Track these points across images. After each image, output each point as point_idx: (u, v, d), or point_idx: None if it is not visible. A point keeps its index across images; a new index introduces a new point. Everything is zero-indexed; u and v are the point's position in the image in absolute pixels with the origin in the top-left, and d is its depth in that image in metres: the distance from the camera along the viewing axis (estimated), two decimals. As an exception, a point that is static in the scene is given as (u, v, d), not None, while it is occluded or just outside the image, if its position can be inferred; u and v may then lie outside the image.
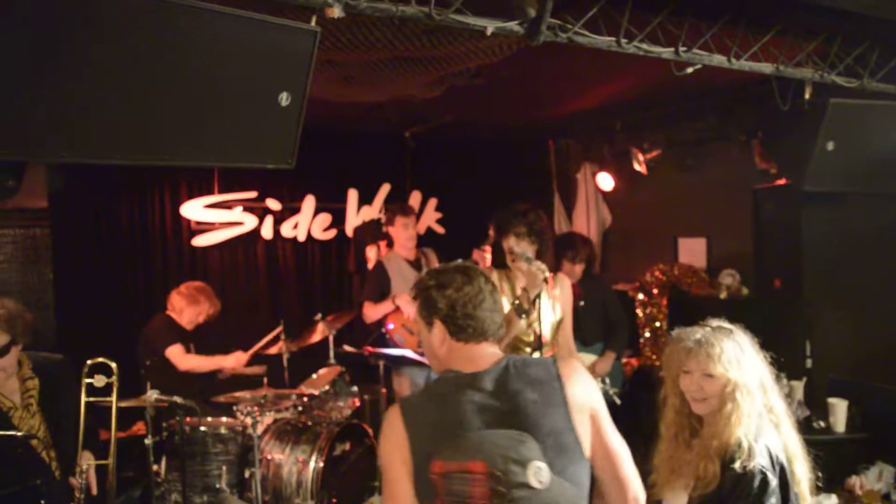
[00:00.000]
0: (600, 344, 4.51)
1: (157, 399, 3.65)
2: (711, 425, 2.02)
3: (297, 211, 5.92)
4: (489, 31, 2.40)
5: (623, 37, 2.65)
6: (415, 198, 6.32)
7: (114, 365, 3.13)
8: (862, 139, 3.42)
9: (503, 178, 6.46)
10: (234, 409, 4.06)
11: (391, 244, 4.95)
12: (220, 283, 5.58)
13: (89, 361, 3.09)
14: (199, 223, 5.59)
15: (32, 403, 2.68)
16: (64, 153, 1.86)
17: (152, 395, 3.66)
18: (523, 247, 3.24)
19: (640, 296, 5.77)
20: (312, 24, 2.17)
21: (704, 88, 4.64)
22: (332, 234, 6.08)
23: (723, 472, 1.93)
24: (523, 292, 3.15)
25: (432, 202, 6.42)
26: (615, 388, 4.50)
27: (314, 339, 4.70)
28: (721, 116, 4.99)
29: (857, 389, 3.92)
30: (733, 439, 1.94)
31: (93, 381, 3.02)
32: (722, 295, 5.20)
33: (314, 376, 4.59)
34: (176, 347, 4.28)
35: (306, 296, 6.08)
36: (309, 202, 5.93)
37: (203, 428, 3.87)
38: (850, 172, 3.51)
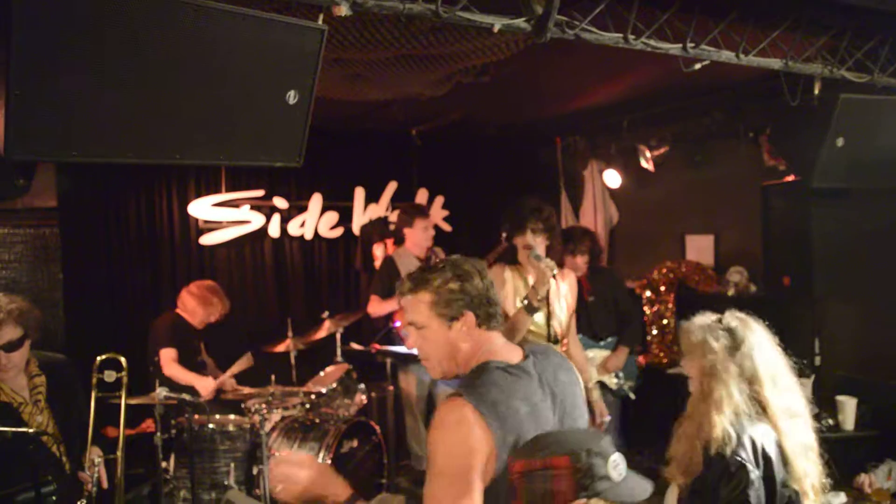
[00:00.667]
0: (613, 339, 4.50)
1: (166, 396, 3.68)
2: (693, 412, 2.08)
3: (304, 209, 5.94)
4: (496, 28, 2.39)
5: (630, 33, 2.64)
6: (421, 195, 6.33)
7: (123, 360, 3.18)
8: (872, 135, 3.39)
9: (510, 176, 6.46)
10: (243, 406, 4.08)
11: (398, 242, 4.95)
12: (227, 282, 5.60)
13: (99, 357, 3.15)
14: (206, 222, 5.61)
15: (41, 400, 2.71)
16: (75, 152, 1.87)
17: (161, 392, 3.68)
18: (538, 242, 3.25)
19: (648, 293, 5.76)
20: (319, 23, 2.17)
21: (712, 85, 4.63)
22: (339, 232, 6.09)
23: (704, 458, 1.97)
24: (532, 290, 3.15)
25: (439, 200, 6.43)
26: (630, 383, 4.48)
27: (321, 336, 4.72)
28: (729, 113, 4.96)
29: (867, 387, 3.91)
30: (713, 427, 1.98)
31: (103, 376, 3.07)
32: (730, 292, 5.19)
33: (322, 374, 4.60)
34: (169, 351, 4.27)
35: (313, 294, 6.10)
36: (316, 200, 5.94)
37: (211, 425, 3.89)
38: (860, 168, 3.48)
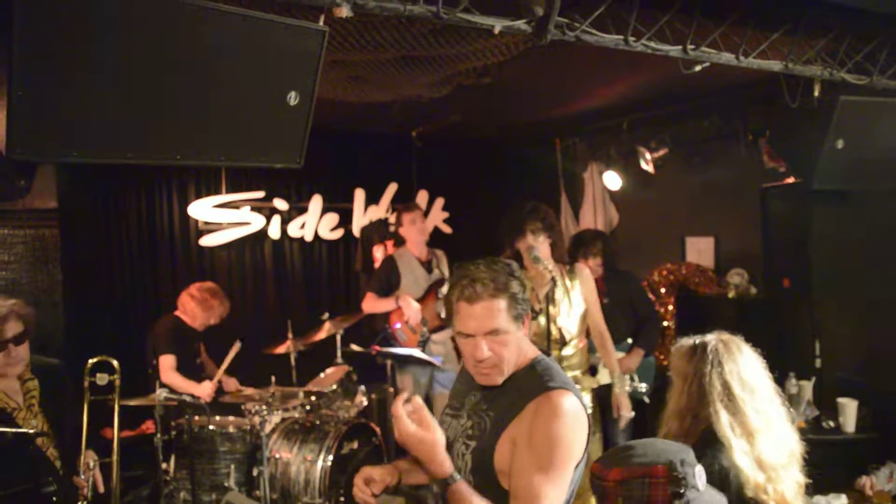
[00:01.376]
0: (628, 342, 4.49)
1: (167, 398, 3.68)
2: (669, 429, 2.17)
3: (304, 211, 5.94)
4: (497, 30, 2.40)
5: (631, 35, 2.64)
6: (422, 197, 6.33)
7: (116, 363, 3.11)
8: (871, 137, 3.39)
9: (510, 178, 6.47)
10: (243, 408, 4.07)
11: (398, 244, 4.96)
12: (227, 283, 5.61)
13: (91, 360, 3.08)
14: (206, 223, 5.62)
15: (34, 404, 2.68)
16: (76, 153, 1.87)
17: (161, 393, 3.68)
18: (540, 242, 3.26)
19: (648, 295, 5.76)
20: (320, 24, 2.18)
21: (712, 87, 4.63)
22: (340, 233, 6.10)
23: None
24: (532, 292, 3.15)
25: (439, 202, 6.43)
26: (645, 386, 4.46)
27: (321, 338, 4.72)
28: (729, 115, 4.96)
29: (867, 389, 3.91)
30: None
31: (95, 379, 3.01)
32: (730, 294, 5.18)
33: (322, 375, 4.60)
34: (167, 358, 4.25)
35: (313, 295, 6.10)
36: (316, 202, 5.95)
37: (211, 427, 3.88)
38: (860, 170, 3.49)
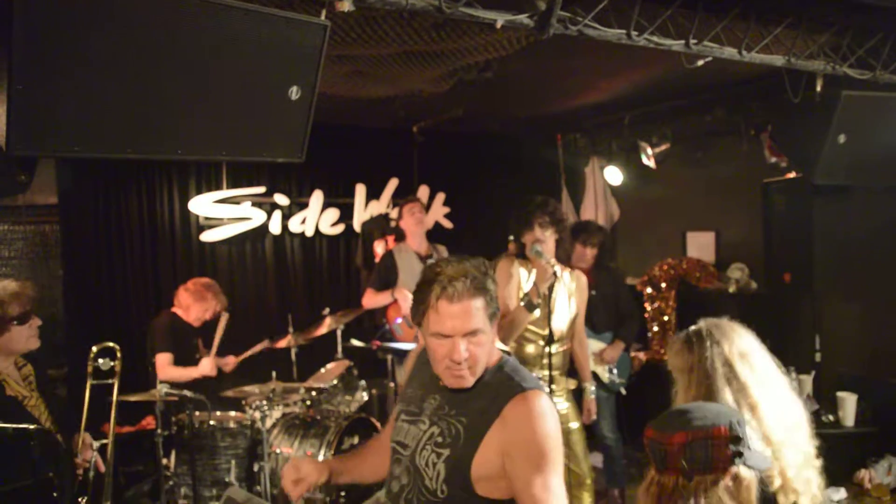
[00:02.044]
0: (610, 333, 4.54)
1: (167, 393, 3.68)
2: None
3: (305, 206, 5.94)
4: (499, 24, 2.39)
5: (633, 29, 2.64)
6: (423, 192, 6.32)
7: (117, 347, 3.24)
8: (874, 132, 3.38)
9: (511, 173, 6.46)
10: (243, 403, 4.08)
11: (399, 239, 4.95)
12: (228, 278, 5.61)
13: (95, 347, 3.21)
14: (207, 218, 5.61)
15: (33, 387, 2.75)
16: (77, 148, 1.86)
17: (162, 388, 3.69)
18: (547, 236, 3.25)
19: (649, 290, 5.76)
20: (322, 18, 2.17)
21: (714, 82, 4.63)
22: (340, 228, 6.09)
23: None
24: (533, 287, 3.15)
25: (440, 197, 6.43)
26: (622, 379, 4.52)
27: (322, 333, 4.72)
28: (731, 110, 4.96)
29: (867, 383, 3.91)
30: None
31: (99, 364, 3.14)
32: (731, 289, 5.18)
33: (322, 370, 4.60)
34: (164, 356, 4.24)
35: (314, 290, 6.10)
36: (317, 197, 5.94)
37: (212, 422, 3.89)
38: (862, 165, 3.48)
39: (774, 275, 4.88)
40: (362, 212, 6.10)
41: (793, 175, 4.70)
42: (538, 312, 3.18)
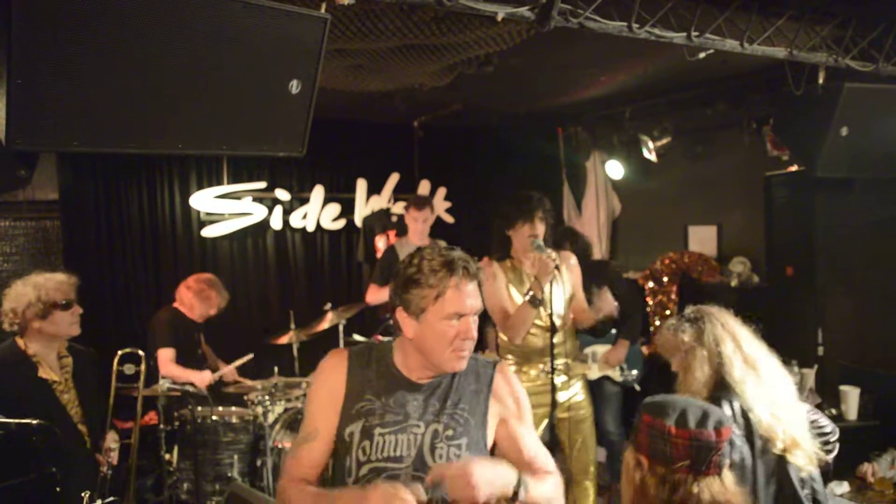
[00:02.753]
0: (612, 332, 4.49)
1: (170, 388, 3.68)
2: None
3: (306, 201, 5.93)
4: (500, 17, 2.38)
5: (634, 22, 2.62)
6: (423, 187, 6.32)
7: (142, 354, 3.40)
8: (877, 124, 3.37)
9: (512, 167, 6.45)
10: (245, 398, 4.08)
11: (400, 233, 4.95)
12: (229, 274, 5.61)
13: (120, 351, 3.38)
14: (208, 214, 5.60)
15: (69, 378, 2.87)
16: (77, 142, 1.86)
17: (164, 384, 3.69)
18: (541, 230, 3.24)
19: (651, 284, 5.75)
20: (322, 12, 2.16)
21: (715, 75, 4.61)
22: (342, 223, 6.08)
23: None
24: (535, 282, 3.14)
25: (441, 191, 6.42)
26: (635, 373, 4.45)
27: (323, 328, 4.71)
28: (732, 103, 4.94)
29: (869, 377, 3.91)
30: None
31: (123, 369, 3.30)
32: (733, 283, 5.18)
33: (324, 366, 4.59)
34: (166, 352, 4.20)
35: (315, 285, 6.10)
36: (318, 192, 5.93)
37: (214, 417, 3.89)
38: (864, 158, 3.46)
39: (776, 268, 4.87)
40: (363, 207, 6.09)
41: (795, 168, 4.69)
42: (543, 308, 3.17)
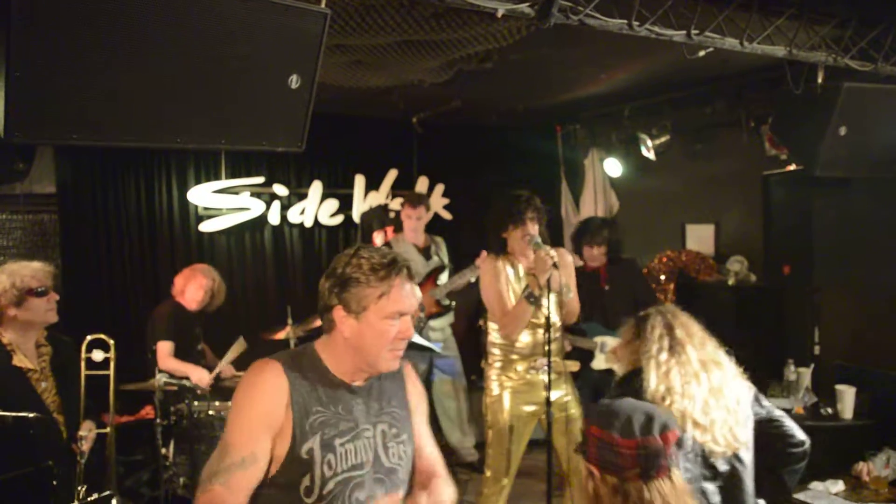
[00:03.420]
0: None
1: (166, 382, 3.68)
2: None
3: (304, 196, 5.93)
4: (500, 14, 2.37)
5: (634, 19, 2.62)
6: (422, 183, 6.31)
7: (111, 341, 3.30)
8: (875, 124, 3.37)
9: (510, 165, 6.45)
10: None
11: (398, 230, 4.94)
12: (227, 269, 5.59)
13: (88, 337, 3.29)
14: (206, 208, 5.59)
15: (46, 367, 2.87)
16: (75, 136, 1.85)
17: (161, 378, 3.68)
18: (534, 230, 3.26)
19: (649, 283, 5.76)
20: (322, 6, 2.15)
21: (714, 73, 4.61)
22: (339, 219, 6.08)
23: None
24: (533, 278, 3.14)
25: (439, 188, 6.42)
26: None
27: (321, 324, 4.70)
28: (731, 102, 4.94)
29: (866, 376, 3.92)
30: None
31: (91, 356, 3.22)
32: (730, 281, 5.18)
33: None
34: (165, 345, 4.20)
35: (313, 281, 6.01)
36: (316, 188, 5.93)
37: (211, 412, 3.87)
38: (863, 158, 3.46)
39: (774, 267, 4.88)
40: (361, 203, 6.09)
41: (793, 167, 4.70)
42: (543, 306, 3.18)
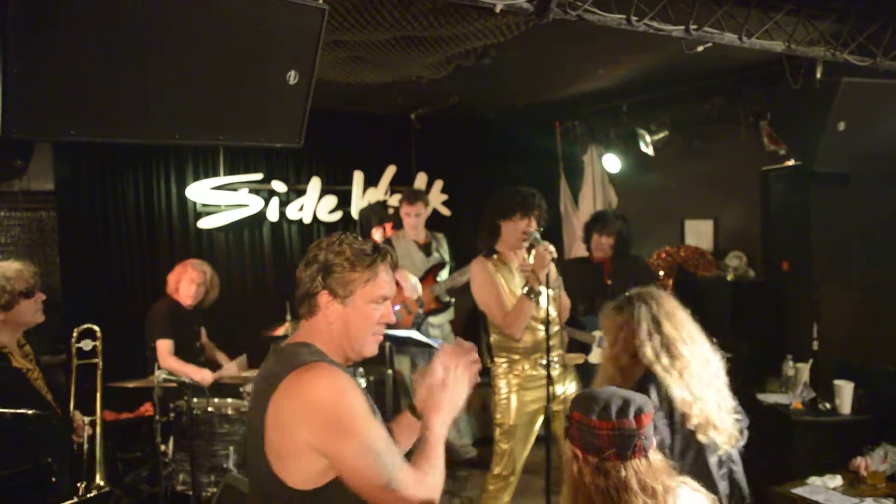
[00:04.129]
0: None
1: (165, 379, 3.68)
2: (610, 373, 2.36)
3: (302, 193, 5.92)
4: (498, 9, 2.37)
5: (633, 14, 2.62)
6: (420, 179, 6.30)
7: (97, 329, 3.37)
8: (874, 119, 3.36)
9: (509, 160, 6.45)
10: (241, 389, 4.08)
11: (396, 226, 4.94)
12: (225, 265, 5.60)
13: (77, 329, 3.36)
14: (204, 205, 5.59)
15: (34, 364, 2.86)
16: (73, 132, 1.85)
17: (160, 375, 3.68)
18: (534, 228, 3.26)
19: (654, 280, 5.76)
20: (320, 2, 2.15)
21: (712, 69, 4.60)
22: (338, 216, 6.07)
23: None
24: (532, 274, 3.14)
25: (438, 184, 6.41)
26: None
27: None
28: (729, 97, 4.94)
29: (864, 372, 3.92)
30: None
31: (81, 345, 3.29)
32: (729, 277, 5.18)
33: (320, 357, 4.59)
34: (165, 343, 4.19)
35: (312, 278, 6.07)
36: (314, 184, 5.92)
37: (210, 409, 3.89)
38: (861, 153, 3.46)
39: (772, 263, 4.88)
40: (360, 199, 6.08)
41: (791, 163, 4.69)
42: (542, 300, 3.18)
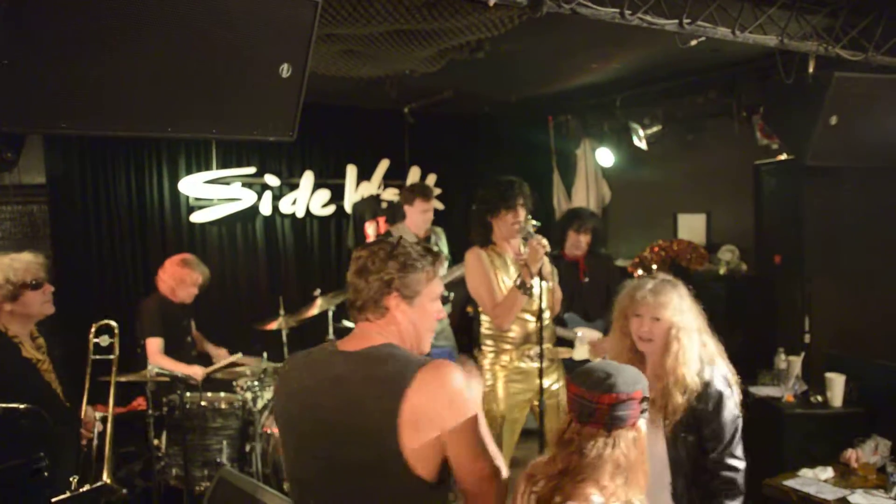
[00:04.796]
0: (601, 321, 4.52)
1: (158, 373, 3.67)
2: (659, 365, 2.30)
3: (295, 187, 5.91)
4: (492, 2, 2.36)
5: (627, 8, 2.62)
6: (414, 173, 6.30)
7: (115, 325, 3.38)
8: (866, 113, 3.38)
9: (502, 155, 6.45)
10: (234, 384, 4.08)
11: (390, 220, 4.93)
12: (218, 259, 5.59)
13: (95, 324, 3.35)
14: (197, 199, 5.57)
15: (45, 357, 2.89)
16: (64, 125, 1.84)
17: (153, 369, 3.68)
18: (522, 217, 3.26)
19: (640, 272, 5.77)
20: (314, -5, 2.14)
21: (705, 63, 4.61)
22: (331, 209, 6.07)
23: (686, 402, 2.25)
24: (524, 267, 3.14)
25: (431, 178, 6.41)
26: None
27: (313, 314, 4.70)
28: (722, 91, 4.95)
29: (855, 365, 3.94)
30: (687, 375, 2.25)
31: (99, 340, 3.29)
32: (721, 271, 5.20)
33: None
34: (154, 341, 4.17)
35: (305, 271, 6.08)
36: (308, 178, 5.91)
37: (203, 403, 3.88)
38: (854, 147, 3.48)
39: (765, 257, 4.90)
40: (353, 193, 6.08)
41: (784, 157, 4.71)
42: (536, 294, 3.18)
